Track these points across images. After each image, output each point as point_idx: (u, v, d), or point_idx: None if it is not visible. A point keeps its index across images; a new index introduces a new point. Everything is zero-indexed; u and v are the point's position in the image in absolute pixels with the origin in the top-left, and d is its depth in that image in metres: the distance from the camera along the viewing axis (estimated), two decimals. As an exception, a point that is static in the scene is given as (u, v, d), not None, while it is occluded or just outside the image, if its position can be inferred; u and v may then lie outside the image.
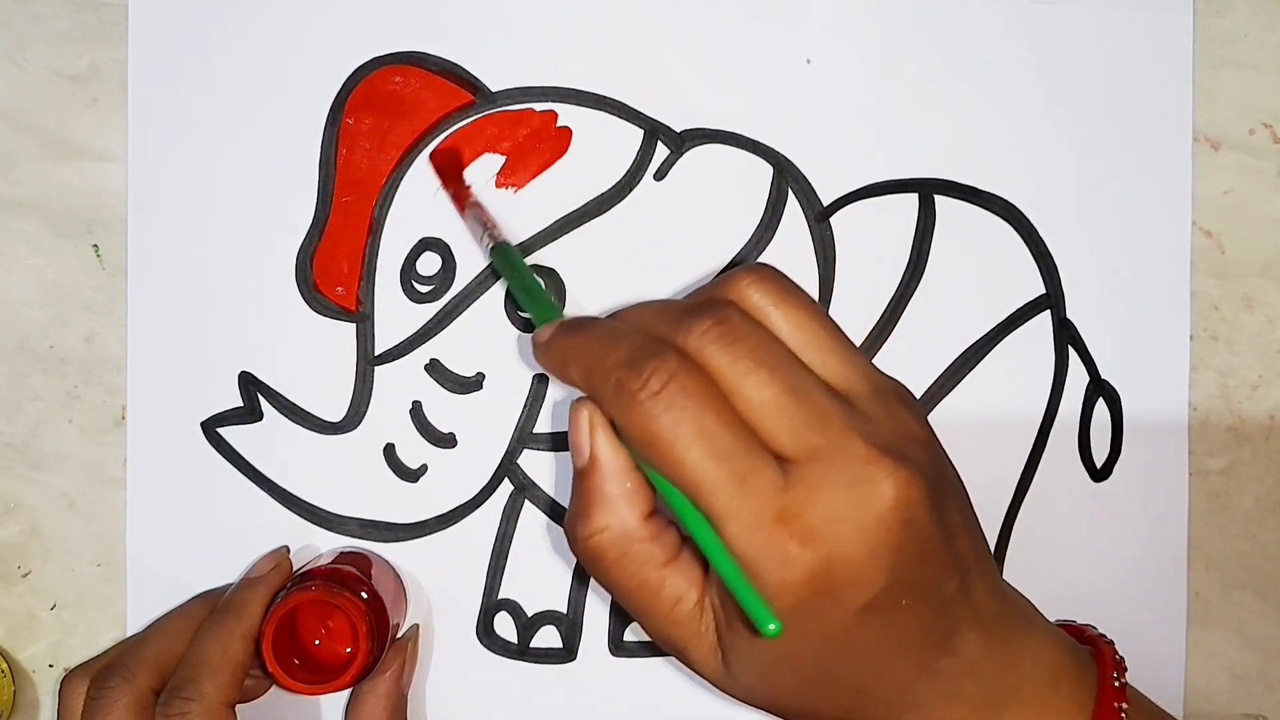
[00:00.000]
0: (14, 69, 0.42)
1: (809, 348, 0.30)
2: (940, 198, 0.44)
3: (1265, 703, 0.45)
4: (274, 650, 0.38)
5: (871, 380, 0.31)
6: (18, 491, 0.43)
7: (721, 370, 0.29)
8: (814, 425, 0.29)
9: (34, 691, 0.43)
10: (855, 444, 0.29)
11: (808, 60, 0.44)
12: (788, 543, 0.28)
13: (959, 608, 0.31)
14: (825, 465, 0.28)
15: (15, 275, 0.42)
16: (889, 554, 0.29)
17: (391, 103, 0.43)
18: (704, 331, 0.29)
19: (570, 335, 0.32)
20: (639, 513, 0.31)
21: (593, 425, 0.31)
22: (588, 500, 0.31)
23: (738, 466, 0.28)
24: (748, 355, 0.29)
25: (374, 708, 0.39)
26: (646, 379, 0.28)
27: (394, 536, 0.43)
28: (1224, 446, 0.44)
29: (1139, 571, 0.44)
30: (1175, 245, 0.44)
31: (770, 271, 0.32)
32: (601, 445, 0.31)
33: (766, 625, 0.28)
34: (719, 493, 0.28)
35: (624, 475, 0.31)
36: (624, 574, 0.31)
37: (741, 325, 0.30)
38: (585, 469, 0.31)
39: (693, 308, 0.30)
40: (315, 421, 0.43)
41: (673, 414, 0.28)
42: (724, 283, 0.31)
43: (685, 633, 0.31)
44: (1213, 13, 0.44)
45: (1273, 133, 0.45)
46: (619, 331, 0.31)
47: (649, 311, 0.31)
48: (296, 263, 0.43)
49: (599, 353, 0.30)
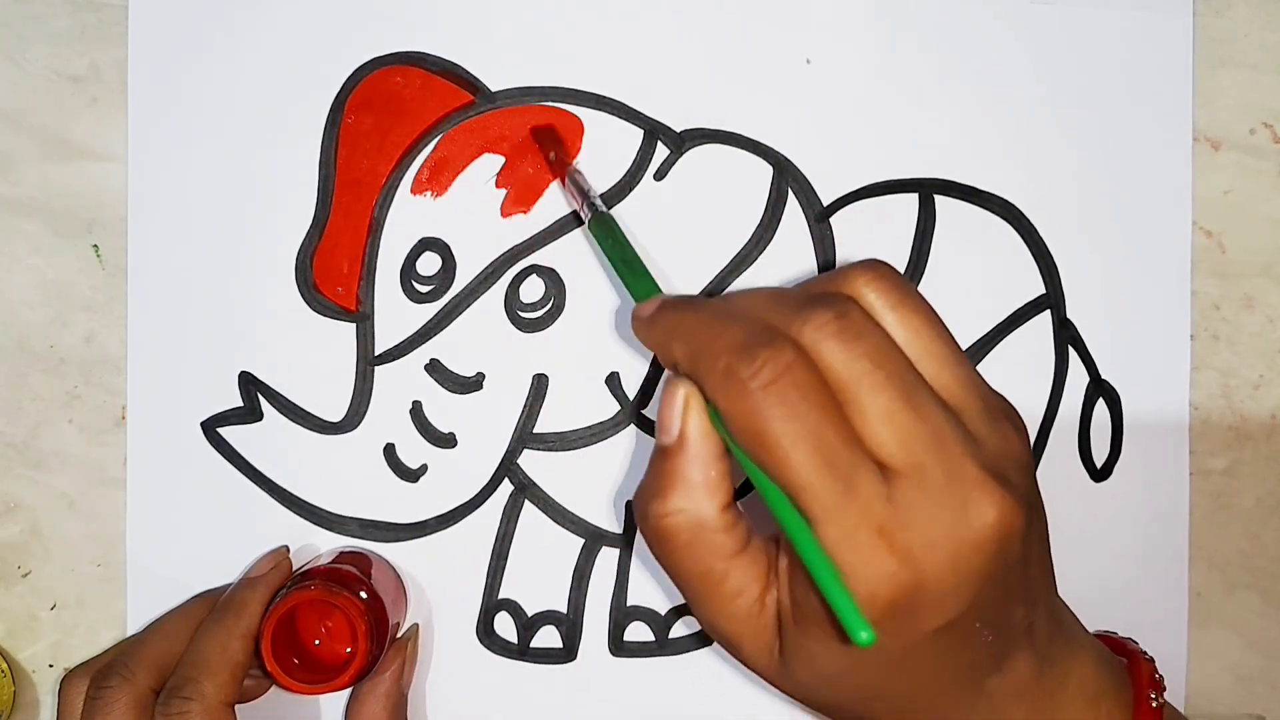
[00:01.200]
0: (14, 69, 0.42)
1: (925, 357, 0.30)
2: (940, 198, 0.44)
3: (1268, 703, 0.44)
4: (273, 650, 0.38)
5: (983, 397, 0.30)
6: (18, 491, 0.43)
7: (836, 368, 0.28)
8: (926, 441, 0.28)
9: (34, 691, 0.43)
10: (965, 465, 0.28)
11: (808, 60, 0.44)
12: (885, 557, 0.27)
13: (1020, 632, 0.31)
14: (931, 483, 0.27)
15: (15, 275, 0.42)
16: (978, 581, 0.28)
17: (391, 103, 0.43)
18: (822, 324, 0.28)
19: (679, 312, 0.31)
20: (719, 502, 0.30)
21: (688, 404, 0.30)
22: (667, 480, 0.30)
23: (843, 472, 0.27)
24: (867, 356, 0.28)
25: (373, 707, 0.39)
26: (759, 368, 0.27)
27: (394, 536, 0.43)
28: (1225, 446, 0.44)
29: (1140, 571, 0.44)
30: (1175, 245, 0.44)
31: (888, 271, 0.30)
32: (694, 427, 0.30)
33: (859, 633, 0.27)
34: (822, 497, 0.27)
35: (711, 462, 0.30)
36: (690, 560, 0.30)
37: (862, 323, 0.28)
38: (671, 448, 0.30)
39: (812, 299, 0.29)
40: (315, 421, 0.43)
41: (783, 409, 0.27)
42: (840, 278, 0.30)
43: (742, 627, 0.31)
44: (1212, 13, 0.44)
45: (1273, 133, 0.45)
46: (732, 314, 0.29)
47: (763, 297, 0.30)
48: (296, 263, 0.43)
49: (710, 333, 0.29)
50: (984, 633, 0.29)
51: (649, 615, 0.43)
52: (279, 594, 0.39)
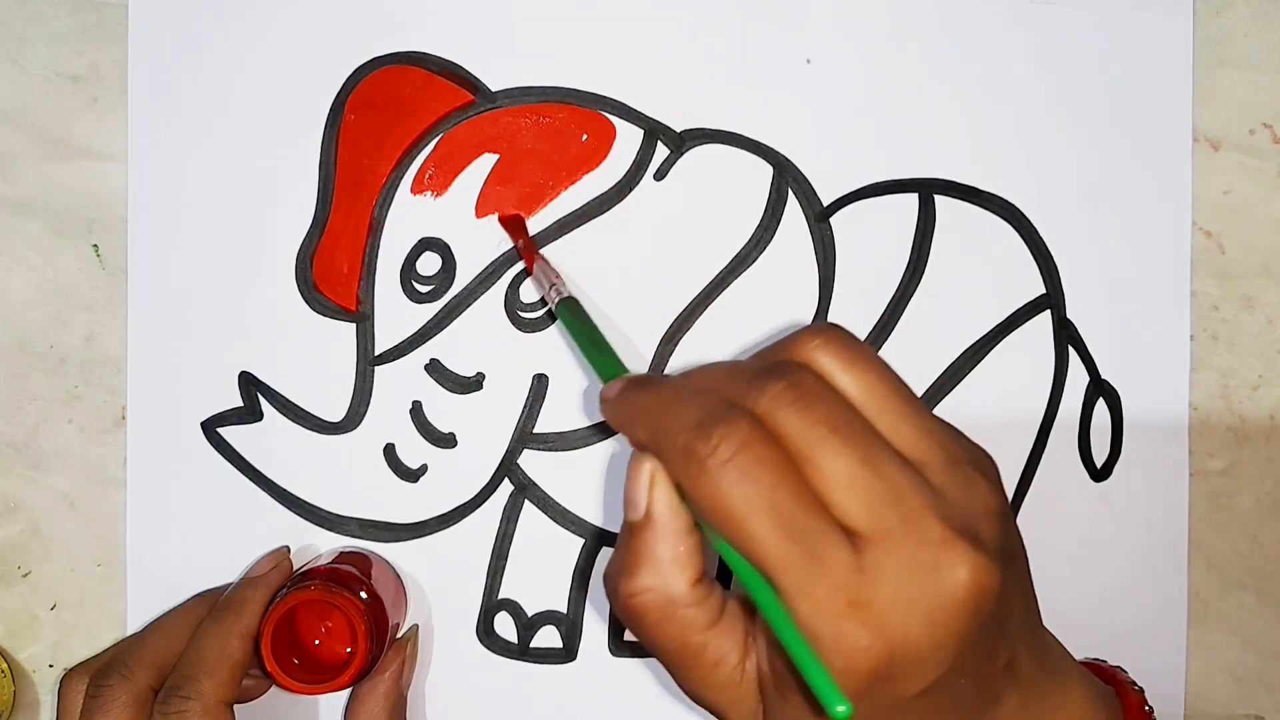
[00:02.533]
0: (14, 69, 0.42)
1: (882, 414, 0.29)
2: (940, 198, 0.44)
3: (1266, 703, 0.44)
4: (273, 650, 0.38)
5: (946, 449, 0.30)
6: (18, 491, 0.43)
7: (794, 436, 0.28)
8: (889, 502, 0.27)
9: (34, 691, 0.43)
10: (930, 524, 0.27)
11: (808, 60, 0.44)
12: (859, 630, 0.27)
13: (1004, 677, 0.30)
14: (898, 546, 0.27)
15: (15, 275, 0.42)
16: (955, 644, 0.28)
17: (391, 103, 0.43)
18: (776, 394, 0.28)
19: (638, 392, 0.31)
20: (689, 578, 0.30)
21: (654, 481, 0.30)
22: (635, 558, 0.30)
23: (810, 544, 0.27)
24: (822, 421, 0.28)
25: (373, 707, 0.39)
26: (716, 445, 0.27)
27: (394, 536, 0.43)
28: (1224, 447, 0.44)
29: (1139, 572, 0.44)
30: (1175, 245, 0.44)
31: (838, 332, 0.30)
32: (660, 504, 0.29)
33: (835, 707, 0.26)
34: (790, 571, 0.27)
35: (679, 537, 0.30)
36: (664, 636, 0.30)
37: (816, 389, 0.28)
38: (638, 525, 0.30)
39: (765, 370, 0.29)
40: (315, 421, 0.43)
41: (744, 485, 0.27)
42: (791, 344, 0.30)
43: (724, 696, 0.31)
44: (1212, 13, 0.44)
45: (1273, 133, 0.45)
46: (688, 391, 0.29)
47: (719, 372, 0.30)
48: (296, 263, 0.43)
49: (668, 413, 0.29)
50: (967, 687, 0.29)
51: (649, 615, 0.43)
52: (279, 594, 0.39)
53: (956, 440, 0.30)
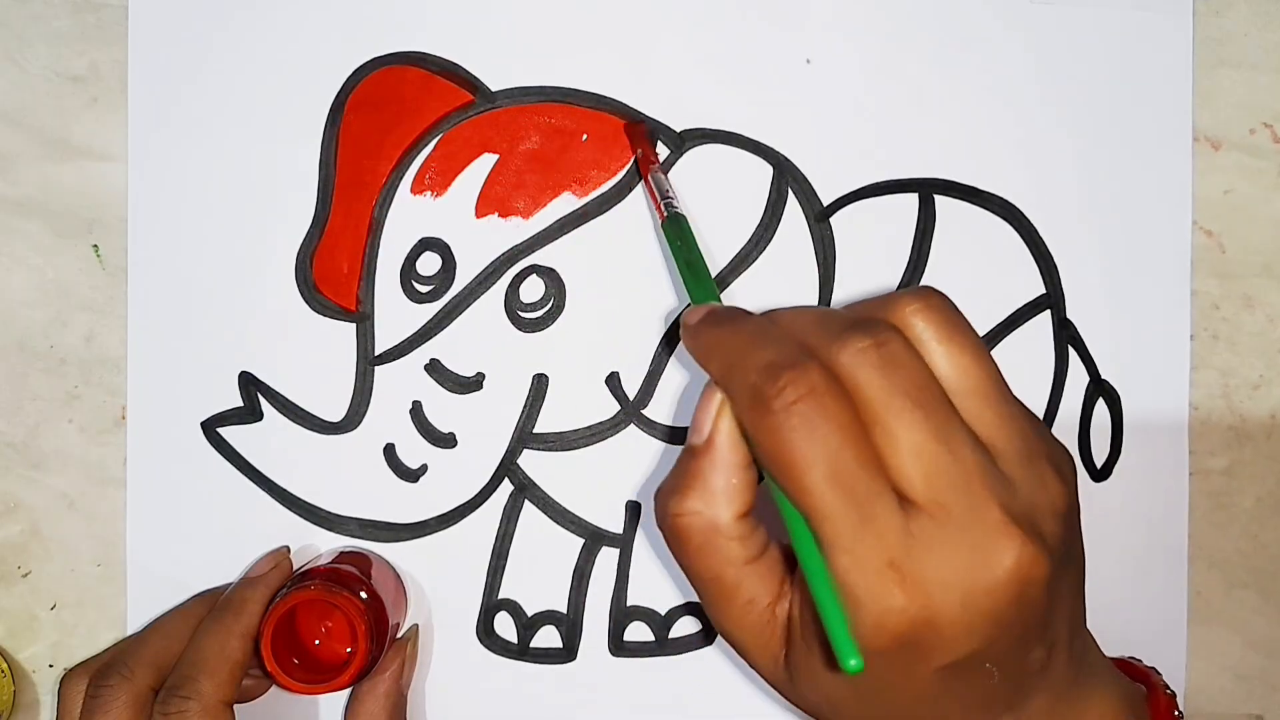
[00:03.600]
0: (14, 69, 0.42)
1: (968, 393, 0.29)
2: (940, 198, 0.44)
3: (1267, 702, 0.44)
4: (273, 649, 0.38)
5: (1026, 440, 0.29)
6: (18, 491, 0.43)
7: (871, 396, 0.27)
8: (953, 481, 0.27)
9: (34, 691, 0.43)
10: (990, 509, 0.27)
11: (808, 60, 0.44)
12: (895, 590, 0.27)
13: (1037, 675, 0.30)
14: (952, 523, 0.27)
15: (15, 275, 0.42)
16: (989, 627, 0.28)
17: (391, 103, 0.43)
18: (861, 349, 0.28)
19: (718, 326, 0.31)
20: (735, 510, 0.30)
21: (721, 410, 0.30)
22: (688, 480, 0.30)
23: (861, 502, 0.27)
24: (904, 388, 0.27)
25: (373, 707, 0.39)
26: (783, 388, 0.27)
27: (394, 536, 0.43)
28: (1225, 446, 0.44)
29: (1140, 571, 0.44)
30: (1175, 245, 0.44)
31: (940, 301, 0.30)
32: (722, 433, 0.30)
33: (848, 660, 0.27)
34: (835, 523, 0.27)
35: (733, 470, 0.30)
36: (702, 563, 0.30)
37: (903, 353, 0.28)
38: (698, 449, 0.30)
39: (854, 323, 0.28)
40: (315, 421, 0.43)
41: (804, 432, 0.27)
42: (889, 303, 0.30)
43: (750, 636, 0.31)
44: (1212, 13, 0.44)
45: (1273, 133, 0.45)
46: (768, 333, 0.29)
47: (806, 316, 0.30)
48: (296, 263, 0.43)
49: (742, 351, 0.29)
50: (994, 673, 0.29)
51: (649, 615, 0.43)
52: (279, 594, 0.39)
53: (1039, 434, 0.30)
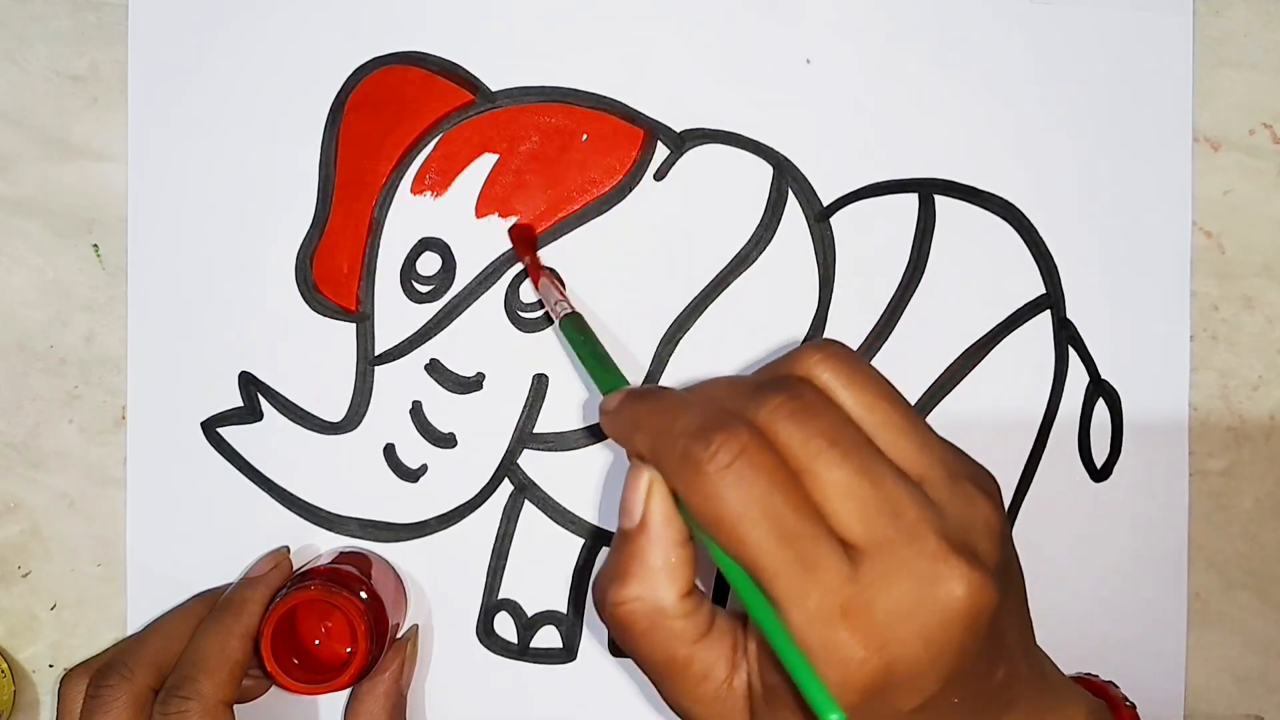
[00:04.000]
0: (14, 69, 0.42)
1: (881, 429, 0.29)
2: (940, 198, 0.44)
3: (1266, 703, 0.44)
4: (273, 650, 0.38)
5: (946, 465, 0.30)
6: (18, 491, 0.43)
7: (793, 448, 0.28)
8: (886, 514, 0.27)
9: (34, 691, 0.43)
10: (928, 538, 0.27)
11: (808, 60, 0.44)
12: (851, 642, 0.27)
13: (1000, 695, 0.30)
14: (894, 559, 0.27)
15: (15, 275, 0.42)
16: (950, 658, 0.28)
17: (391, 103, 0.43)
18: (776, 406, 0.28)
19: (640, 402, 0.31)
20: (678, 589, 0.30)
21: (651, 490, 0.30)
22: (626, 566, 0.30)
23: (804, 552, 0.27)
24: (821, 434, 0.28)
25: (373, 707, 0.39)
26: (715, 451, 0.27)
27: (394, 536, 0.43)
28: (1224, 447, 0.44)
29: (1139, 571, 0.44)
30: (1175, 245, 0.44)
31: (838, 348, 0.30)
32: (656, 512, 0.30)
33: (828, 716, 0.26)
34: (783, 577, 0.27)
35: (671, 548, 0.30)
36: (651, 647, 0.30)
37: (816, 402, 0.29)
38: (632, 533, 0.30)
39: (765, 384, 0.29)
40: (315, 421, 0.43)
41: (740, 490, 0.27)
42: (792, 360, 0.30)
43: (710, 710, 0.30)
44: (1212, 13, 0.44)
45: (1273, 133, 0.45)
46: (689, 401, 0.30)
47: (719, 386, 0.30)
48: (296, 263, 0.43)
49: (667, 420, 0.29)
50: (963, 707, 0.29)
51: (649, 615, 0.43)
52: (279, 594, 0.39)
53: (957, 457, 0.30)
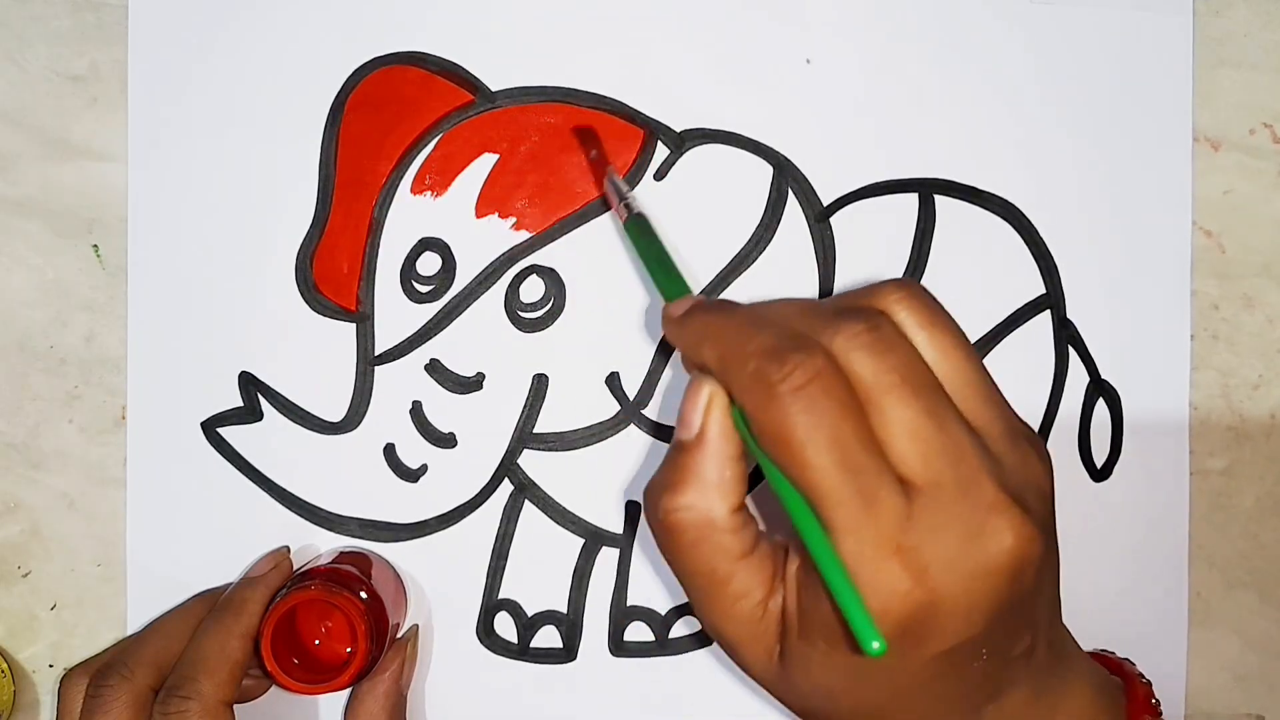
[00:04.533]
0: (14, 69, 0.42)
1: (952, 378, 0.29)
2: (940, 198, 0.44)
3: (1266, 702, 0.44)
4: (273, 649, 0.38)
5: (1009, 422, 0.30)
6: (18, 491, 0.43)
7: (865, 379, 0.28)
8: (947, 457, 0.28)
9: (34, 691, 0.43)
10: (985, 485, 0.28)
11: (808, 60, 0.44)
12: (901, 575, 0.27)
13: (1020, 664, 0.31)
14: (949, 502, 0.27)
15: (15, 275, 0.42)
16: (989, 608, 0.28)
17: (391, 103, 0.43)
18: (853, 334, 0.28)
19: (711, 314, 0.31)
20: (730, 504, 0.30)
21: (712, 402, 0.30)
22: (681, 475, 0.30)
23: (866, 484, 0.27)
24: (895, 369, 0.28)
25: (373, 707, 0.39)
26: (790, 372, 0.27)
27: (394, 536, 0.43)
28: (1224, 446, 0.44)
29: (1139, 571, 0.44)
30: (1175, 245, 0.44)
31: (921, 290, 0.30)
32: (714, 425, 0.30)
33: (870, 643, 0.26)
34: (843, 506, 0.27)
35: (726, 463, 0.30)
36: (696, 558, 0.30)
37: (893, 337, 0.29)
38: (689, 444, 0.30)
39: (844, 311, 0.29)
40: (315, 421, 0.43)
41: (811, 415, 0.27)
42: (872, 293, 0.30)
43: (741, 630, 0.31)
44: (1212, 13, 0.44)
45: (1273, 133, 0.45)
46: (764, 319, 0.29)
47: (795, 307, 0.30)
48: (296, 263, 0.43)
49: (741, 337, 0.29)
50: (987, 660, 0.29)
51: (649, 615, 0.43)
52: (279, 594, 0.39)
53: (1018, 419, 0.31)
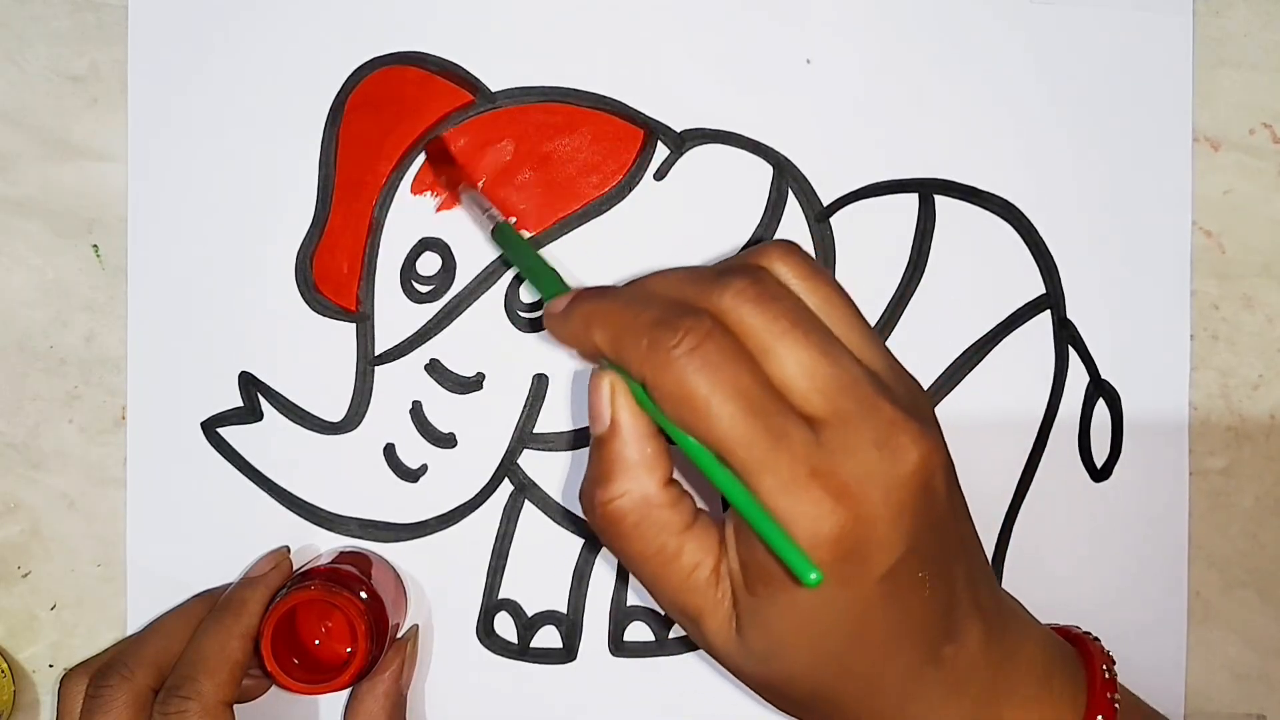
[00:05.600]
0: (14, 69, 0.42)
1: (835, 322, 0.31)
2: (940, 198, 0.44)
3: (1266, 702, 0.44)
4: (273, 650, 0.38)
5: (890, 361, 0.32)
6: (18, 491, 0.43)
7: (755, 330, 0.29)
8: (845, 388, 0.29)
9: (34, 691, 0.43)
10: (884, 407, 0.29)
11: (808, 60, 0.44)
12: (822, 497, 0.28)
13: (964, 595, 0.31)
14: (854, 427, 0.29)
15: (15, 275, 0.42)
16: (910, 518, 0.29)
17: (391, 103, 0.43)
18: (739, 291, 0.30)
19: (594, 300, 0.32)
20: (659, 479, 0.31)
21: (614, 391, 0.31)
22: (607, 466, 0.31)
23: (772, 424, 0.28)
24: (783, 316, 0.29)
25: (372, 707, 0.39)
26: (682, 336, 0.29)
27: (394, 536, 0.43)
28: (1224, 446, 0.44)
29: (1139, 571, 0.44)
30: (1175, 245, 0.44)
31: (796, 248, 0.32)
32: (623, 411, 0.31)
33: (807, 574, 0.27)
34: (754, 447, 0.28)
35: (645, 441, 0.31)
36: (641, 540, 0.31)
37: (776, 288, 0.30)
38: (605, 435, 0.31)
39: (725, 270, 0.31)
40: (315, 421, 0.43)
41: (708, 371, 0.28)
42: (752, 254, 0.32)
43: (700, 600, 0.31)
44: (1212, 13, 0.44)
45: (1273, 133, 0.45)
46: (648, 294, 0.31)
47: (676, 276, 0.31)
48: (296, 263, 0.43)
49: (629, 313, 0.30)
50: (930, 585, 0.30)
51: (649, 615, 0.43)
52: (279, 594, 0.39)
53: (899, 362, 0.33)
